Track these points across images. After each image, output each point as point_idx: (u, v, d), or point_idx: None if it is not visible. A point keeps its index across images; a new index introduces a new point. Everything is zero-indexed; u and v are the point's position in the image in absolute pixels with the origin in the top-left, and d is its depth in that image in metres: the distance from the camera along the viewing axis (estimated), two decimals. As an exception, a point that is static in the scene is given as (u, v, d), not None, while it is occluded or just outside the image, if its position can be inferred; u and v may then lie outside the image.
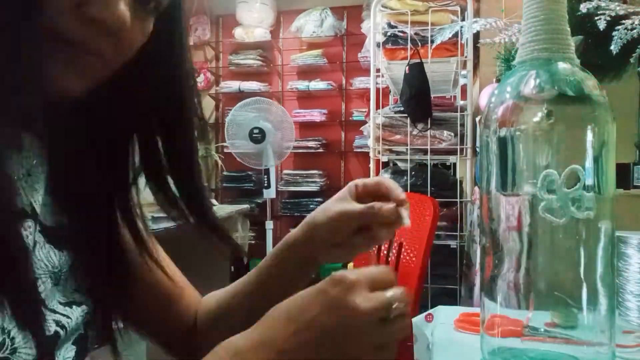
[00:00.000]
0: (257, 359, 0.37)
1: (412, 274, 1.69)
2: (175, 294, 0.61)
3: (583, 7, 0.92)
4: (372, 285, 0.39)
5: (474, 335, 0.70)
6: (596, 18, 0.89)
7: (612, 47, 0.87)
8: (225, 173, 4.38)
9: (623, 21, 0.87)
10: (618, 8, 0.89)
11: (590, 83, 0.54)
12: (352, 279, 0.38)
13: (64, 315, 0.43)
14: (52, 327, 0.41)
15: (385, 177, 0.41)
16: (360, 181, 0.57)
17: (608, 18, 0.88)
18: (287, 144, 3.66)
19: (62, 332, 0.42)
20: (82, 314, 0.45)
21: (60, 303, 0.43)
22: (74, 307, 0.45)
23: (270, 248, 3.73)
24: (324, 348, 0.37)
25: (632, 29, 0.86)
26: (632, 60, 0.93)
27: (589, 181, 0.52)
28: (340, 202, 0.56)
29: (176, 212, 0.50)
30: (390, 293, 0.39)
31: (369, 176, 2.73)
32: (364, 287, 0.38)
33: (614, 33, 0.87)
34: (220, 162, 4.32)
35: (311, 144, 4.29)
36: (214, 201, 2.58)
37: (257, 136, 3.53)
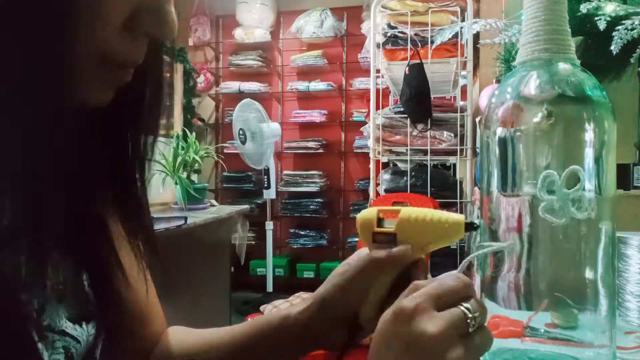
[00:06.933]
0: None
1: (412, 275, 1.68)
2: (149, 316, 0.56)
3: (583, 8, 0.92)
4: (439, 301, 0.36)
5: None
6: (596, 18, 0.89)
7: (612, 48, 0.87)
8: (225, 173, 4.38)
9: (623, 21, 0.87)
10: (618, 8, 0.89)
11: (590, 83, 0.54)
12: (413, 307, 0.36)
13: (73, 338, 0.41)
14: (60, 358, 0.39)
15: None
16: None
17: (608, 18, 0.88)
18: (266, 147, 3.64)
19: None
20: (92, 332, 0.43)
21: (69, 320, 0.41)
22: (83, 324, 0.42)
23: (269, 249, 3.73)
24: None
25: (632, 29, 0.86)
26: (632, 60, 0.93)
27: (589, 182, 0.52)
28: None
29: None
30: (462, 307, 0.36)
31: (369, 177, 2.73)
32: (428, 310, 0.35)
33: (614, 33, 0.87)
34: (221, 162, 4.33)
35: (311, 144, 4.29)
36: (213, 202, 2.57)
37: (242, 137, 3.55)
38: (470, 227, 0.44)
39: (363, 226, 0.47)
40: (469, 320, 0.35)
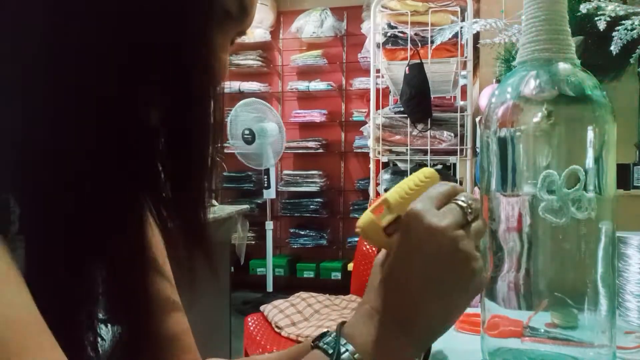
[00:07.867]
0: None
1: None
2: (182, 344, 0.56)
3: (583, 8, 0.92)
4: (436, 202, 0.43)
5: (474, 335, 0.70)
6: (596, 18, 0.89)
7: (612, 48, 0.87)
8: (225, 173, 4.38)
9: (623, 21, 0.87)
10: (618, 8, 0.89)
11: (590, 83, 0.54)
12: (420, 207, 0.42)
13: (100, 336, 0.43)
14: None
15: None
16: None
17: (608, 18, 0.88)
18: (276, 146, 3.63)
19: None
20: (117, 335, 0.45)
21: (99, 319, 0.43)
22: (109, 326, 0.44)
23: (269, 248, 3.73)
24: (446, 278, 0.40)
25: (632, 29, 0.86)
26: (632, 60, 0.93)
27: (590, 182, 0.52)
28: None
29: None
30: (455, 201, 0.42)
31: (369, 177, 2.73)
32: (431, 208, 0.42)
33: (614, 33, 0.87)
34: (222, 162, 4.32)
35: (311, 144, 4.29)
36: (213, 202, 2.57)
37: (248, 137, 3.55)
38: (439, 172, 0.50)
39: (369, 229, 0.47)
40: (465, 211, 0.42)
